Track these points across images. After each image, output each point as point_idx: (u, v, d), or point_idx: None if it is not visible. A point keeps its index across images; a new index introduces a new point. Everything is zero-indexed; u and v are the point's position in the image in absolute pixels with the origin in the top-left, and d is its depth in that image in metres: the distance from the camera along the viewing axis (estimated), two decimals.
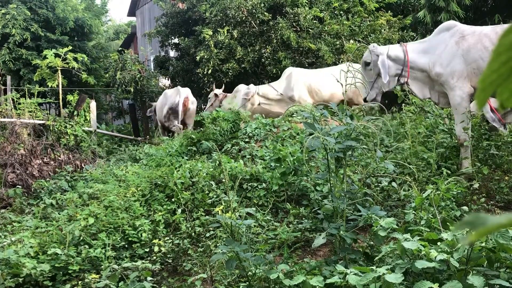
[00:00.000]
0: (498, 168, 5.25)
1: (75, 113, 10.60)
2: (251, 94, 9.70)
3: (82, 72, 13.98)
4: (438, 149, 5.43)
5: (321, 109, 3.90)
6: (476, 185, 4.68)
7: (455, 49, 5.44)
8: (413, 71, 5.81)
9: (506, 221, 0.56)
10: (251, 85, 10.13)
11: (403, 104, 7.15)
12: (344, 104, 3.83)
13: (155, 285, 3.61)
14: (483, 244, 2.65)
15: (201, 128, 7.93)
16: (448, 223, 3.31)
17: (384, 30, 12.71)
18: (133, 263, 3.78)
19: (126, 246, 4.35)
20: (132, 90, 14.03)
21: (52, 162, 7.98)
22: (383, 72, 5.72)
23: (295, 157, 5.08)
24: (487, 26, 5.69)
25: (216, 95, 10.90)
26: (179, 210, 4.81)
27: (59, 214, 5.00)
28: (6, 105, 11.26)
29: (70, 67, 11.78)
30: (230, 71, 12.74)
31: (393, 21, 13.05)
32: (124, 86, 14.02)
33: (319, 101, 9.00)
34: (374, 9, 13.27)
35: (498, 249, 2.62)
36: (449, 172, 4.81)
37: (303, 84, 9.33)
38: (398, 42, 12.67)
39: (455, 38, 5.54)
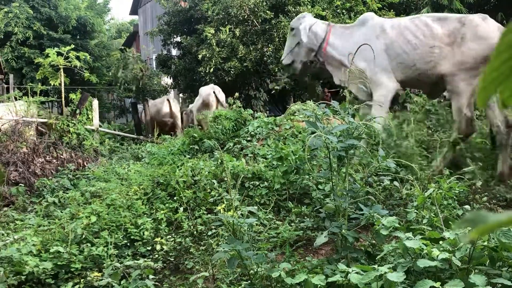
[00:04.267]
0: None
1: (78, 111, 10.61)
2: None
3: (85, 71, 14.02)
4: (441, 148, 5.42)
5: (323, 108, 3.89)
6: (478, 184, 4.68)
7: (376, 44, 5.44)
8: (328, 56, 5.89)
9: (506, 219, 0.56)
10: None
11: (406, 103, 7.14)
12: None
13: (157, 283, 3.61)
14: (485, 243, 2.65)
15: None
16: (450, 222, 3.31)
17: None
18: (135, 261, 3.79)
19: (128, 244, 4.36)
20: (134, 88, 14.05)
21: (54, 161, 7.99)
22: (302, 36, 5.92)
23: (297, 156, 5.07)
24: (404, 17, 5.73)
25: None
26: (181, 209, 4.81)
27: (62, 212, 5.01)
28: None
29: (73, 66, 11.80)
30: (232, 69, 12.74)
31: None
32: (126, 85, 14.04)
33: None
34: (376, 8, 13.26)
35: (500, 248, 2.62)
36: (451, 171, 4.81)
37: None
38: None
39: (376, 32, 5.53)
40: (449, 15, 5.61)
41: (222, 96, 11.39)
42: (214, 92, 11.27)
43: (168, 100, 13.49)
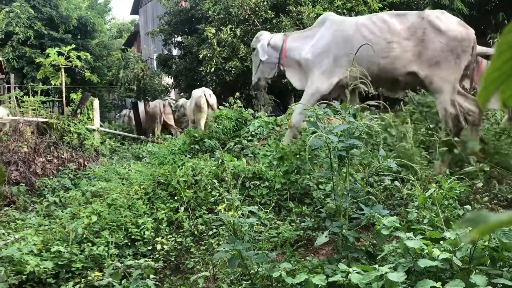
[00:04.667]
0: (501, 166, 5.23)
1: (78, 111, 10.62)
2: None
3: (85, 70, 14.01)
4: (441, 147, 5.42)
5: (324, 108, 3.89)
6: (479, 184, 4.68)
7: (331, 39, 5.48)
8: (288, 60, 5.96)
9: (507, 219, 0.56)
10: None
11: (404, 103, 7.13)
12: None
13: (157, 283, 3.62)
14: (486, 243, 2.64)
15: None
16: (451, 222, 3.31)
17: None
18: (136, 261, 3.79)
19: (129, 244, 4.36)
20: (135, 88, 14.06)
21: (55, 160, 7.99)
22: (261, 55, 6.06)
23: (297, 156, 5.07)
24: (362, 16, 5.84)
25: None
26: (182, 208, 4.81)
27: (62, 212, 5.02)
28: (10, 103, 11.29)
29: (73, 66, 11.80)
30: (233, 69, 12.74)
31: None
32: (127, 85, 14.04)
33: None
34: (377, 8, 13.26)
35: (501, 248, 2.61)
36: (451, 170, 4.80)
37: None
38: None
39: (331, 29, 5.58)
40: (408, 11, 5.68)
41: (213, 99, 11.51)
42: (205, 95, 11.42)
43: (158, 104, 15.35)
